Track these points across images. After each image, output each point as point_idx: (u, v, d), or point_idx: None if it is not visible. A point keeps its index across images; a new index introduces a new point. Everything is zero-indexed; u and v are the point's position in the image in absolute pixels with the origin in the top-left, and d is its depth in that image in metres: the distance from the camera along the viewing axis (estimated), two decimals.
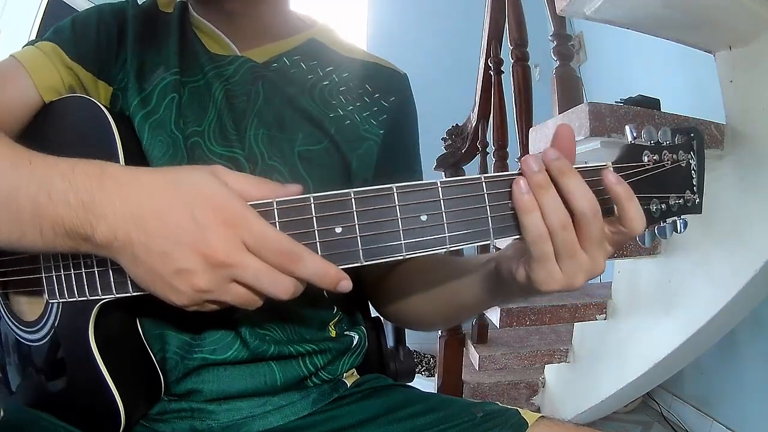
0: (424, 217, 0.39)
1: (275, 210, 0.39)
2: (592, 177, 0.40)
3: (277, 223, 0.38)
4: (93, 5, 0.61)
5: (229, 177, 0.39)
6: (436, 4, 2.95)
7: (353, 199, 0.38)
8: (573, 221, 0.38)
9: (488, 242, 0.40)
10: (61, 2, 2.04)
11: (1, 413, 0.54)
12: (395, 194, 0.39)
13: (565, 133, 0.40)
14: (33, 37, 1.91)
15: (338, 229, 0.38)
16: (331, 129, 0.57)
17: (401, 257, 0.39)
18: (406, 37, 2.89)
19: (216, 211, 0.36)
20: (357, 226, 0.38)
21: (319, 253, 0.38)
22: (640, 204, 0.40)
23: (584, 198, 0.38)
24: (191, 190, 0.37)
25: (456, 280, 0.53)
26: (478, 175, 0.40)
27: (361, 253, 0.39)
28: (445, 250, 0.39)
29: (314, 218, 0.38)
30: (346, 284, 0.38)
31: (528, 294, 0.44)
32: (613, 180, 0.39)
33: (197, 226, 0.35)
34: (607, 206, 0.40)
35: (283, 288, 0.37)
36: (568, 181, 0.38)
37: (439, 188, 0.39)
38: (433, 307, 0.58)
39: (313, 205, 0.38)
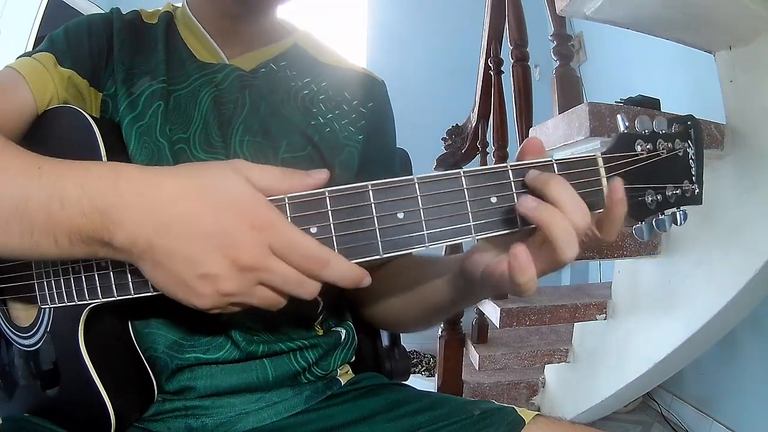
0: (400, 215, 0.37)
1: None
2: (576, 173, 0.39)
3: None
4: (84, 14, 0.61)
5: (252, 172, 0.37)
6: (436, 5, 2.95)
7: (327, 198, 0.38)
8: None
9: (469, 238, 0.38)
10: (61, 2, 2.04)
11: None
12: (370, 192, 0.38)
13: (535, 144, 0.41)
14: (33, 37, 1.91)
15: (313, 229, 0.37)
16: (314, 136, 0.59)
17: (378, 257, 0.38)
18: (406, 38, 2.90)
19: (242, 215, 0.35)
20: (332, 225, 0.37)
21: None
22: (635, 195, 0.39)
23: (579, 209, 0.37)
24: (216, 193, 0.36)
25: (427, 281, 0.53)
26: (457, 170, 0.38)
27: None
28: (424, 248, 0.38)
29: (288, 218, 0.37)
30: (367, 280, 0.38)
31: (496, 292, 0.44)
32: (618, 195, 0.37)
33: (224, 231, 0.35)
34: (590, 200, 0.38)
35: (309, 290, 0.37)
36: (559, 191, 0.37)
37: (416, 184, 0.38)
38: (407, 309, 0.58)
39: (287, 204, 0.38)
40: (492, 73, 1.72)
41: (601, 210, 0.39)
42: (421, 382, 2.21)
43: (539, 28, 1.73)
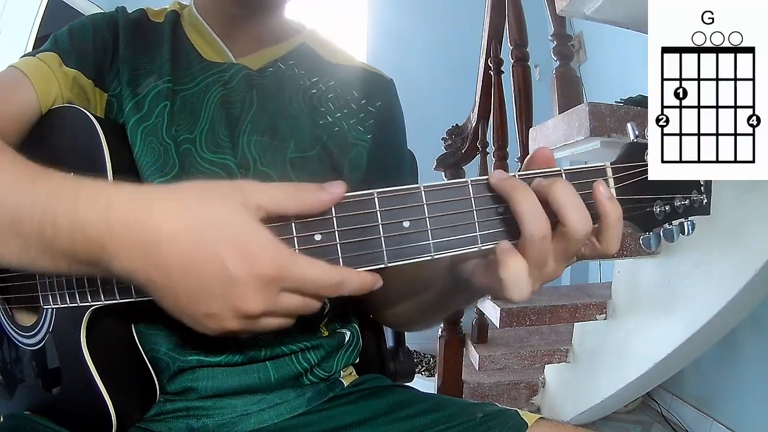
0: (406, 224, 0.37)
1: None
2: (584, 183, 0.38)
3: None
4: (87, 14, 0.61)
5: (262, 195, 0.35)
6: (436, 4, 2.96)
7: (332, 206, 0.37)
8: (558, 233, 0.37)
9: (476, 248, 0.38)
10: (61, 2, 2.04)
11: (0, 419, 0.54)
12: (376, 199, 0.37)
13: (544, 154, 0.40)
14: (33, 37, 1.91)
15: (318, 236, 0.37)
16: (323, 136, 0.58)
17: (383, 266, 0.37)
18: (407, 37, 2.90)
19: (249, 262, 0.33)
20: (336, 232, 0.37)
21: None
22: (643, 206, 0.39)
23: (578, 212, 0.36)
24: (218, 232, 0.33)
25: (421, 280, 0.53)
26: (464, 179, 0.38)
27: (340, 262, 0.37)
28: (430, 258, 0.37)
29: (293, 224, 0.37)
30: (379, 283, 0.38)
31: (491, 295, 0.44)
32: (604, 194, 0.36)
33: (229, 279, 0.33)
34: (594, 211, 0.37)
35: (312, 308, 0.37)
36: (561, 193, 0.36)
37: (423, 193, 0.37)
38: (405, 308, 0.58)
39: None
40: (492, 73, 1.72)
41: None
42: (421, 382, 2.21)
43: (539, 28, 1.73)
